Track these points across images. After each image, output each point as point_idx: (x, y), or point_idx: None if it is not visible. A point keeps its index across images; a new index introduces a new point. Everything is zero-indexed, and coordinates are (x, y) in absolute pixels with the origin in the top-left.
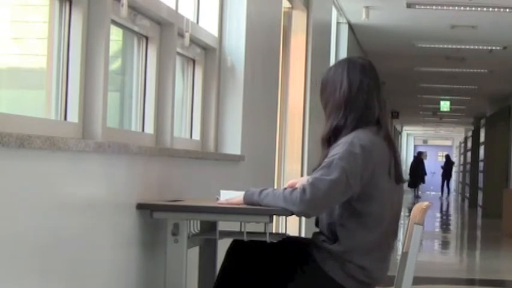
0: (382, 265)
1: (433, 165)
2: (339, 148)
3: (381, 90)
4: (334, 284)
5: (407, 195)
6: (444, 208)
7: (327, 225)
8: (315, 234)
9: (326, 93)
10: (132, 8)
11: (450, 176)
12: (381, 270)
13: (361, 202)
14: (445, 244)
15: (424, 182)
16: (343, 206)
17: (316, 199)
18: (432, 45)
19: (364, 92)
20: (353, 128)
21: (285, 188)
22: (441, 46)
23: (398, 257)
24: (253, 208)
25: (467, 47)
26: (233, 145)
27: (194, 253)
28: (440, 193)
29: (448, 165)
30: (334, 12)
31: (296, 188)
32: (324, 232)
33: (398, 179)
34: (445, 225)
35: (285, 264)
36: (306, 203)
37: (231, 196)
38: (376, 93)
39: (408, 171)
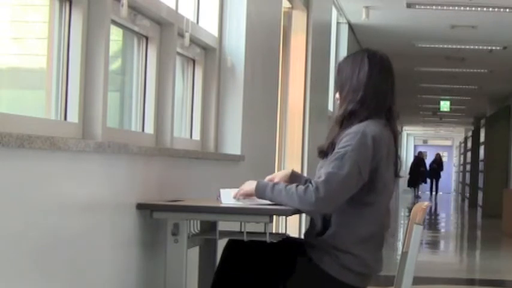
0: (376, 255)
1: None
2: (350, 139)
3: (394, 84)
4: (333, 280)
5: (407, 195)
6: (436, 209)
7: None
8: (306, 234)
9: (344, 75)
10: (132, 8)
11: (439, 176)
12: (375, 260)
13: (364, 192)
14: (445, 244)
15: (426, 182)
16: None
17: (331, 196)
18: (432, 45)
19: (380, 83)
20: (365, 117)
21: (297, 185)
22: (441, 46)
23: (398, 257)
24: (253, 208)
25: (467, 47)
26: (233, 145)
27: (194, 253)
28: (429, 193)
29: (437, 163)
30: (334, 12)
31: (308, 186)
32: (318, 221)
33: (397, 173)
34: (443, 225)
35: (284, 264)
36: (322, 202)
37: (230, 195)
38: (390, 87)
39: (408, 170)
